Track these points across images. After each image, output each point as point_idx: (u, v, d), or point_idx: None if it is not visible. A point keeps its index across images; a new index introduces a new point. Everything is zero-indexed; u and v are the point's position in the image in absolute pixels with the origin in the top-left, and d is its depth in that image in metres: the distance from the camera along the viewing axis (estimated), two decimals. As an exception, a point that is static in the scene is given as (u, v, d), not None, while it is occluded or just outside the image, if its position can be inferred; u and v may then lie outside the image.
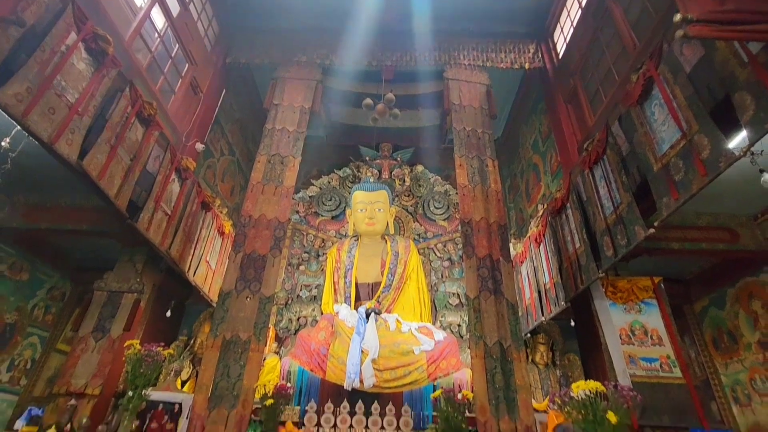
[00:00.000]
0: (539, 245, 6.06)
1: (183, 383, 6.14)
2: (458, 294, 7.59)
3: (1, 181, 3.60)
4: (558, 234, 5.64)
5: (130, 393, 3.64)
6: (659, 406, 4.24)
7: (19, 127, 3.47)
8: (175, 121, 5.98)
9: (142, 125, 4.70)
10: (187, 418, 4.50)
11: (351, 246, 7.63)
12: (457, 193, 6.58)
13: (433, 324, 6.91)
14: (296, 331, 7.22)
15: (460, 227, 7.73)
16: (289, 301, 7.71)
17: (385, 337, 5.90)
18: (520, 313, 5.71)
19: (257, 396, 4.64)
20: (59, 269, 7.04)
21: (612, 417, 3.25)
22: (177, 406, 4.80)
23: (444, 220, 8.56)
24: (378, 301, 6.88)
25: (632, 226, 4.09)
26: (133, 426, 3.77)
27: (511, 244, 7.09)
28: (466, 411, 4.65)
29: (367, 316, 6.24)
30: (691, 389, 4.31)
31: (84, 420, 3.51)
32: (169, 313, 6.17)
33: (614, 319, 4.78)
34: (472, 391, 4.65)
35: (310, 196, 8.91)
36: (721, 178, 3.43)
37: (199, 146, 6.25)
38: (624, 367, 4.48)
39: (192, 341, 6.93)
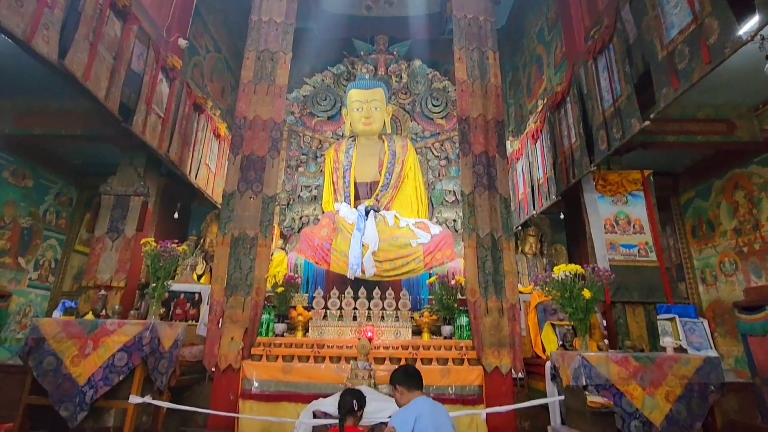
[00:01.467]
0: (536, 141, 6.09)
1: (199, 277, 6.70)
2: (454, 191, 7.81)
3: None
4: (555, 129, 5.63)
5: (154, 284, 4.02)
6: (631, 285, 4.71)
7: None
8: (152, 13, 5.52)
9: (118, 19, 4.38)
10: (207, 304, 5.02)
11: (348, 146, 7.63)
12: (455, 90, 6.38)
13: (430, 220, 7.26)
14: (299, 229, 7.60)
15: (457, 125, 7.65)
16: (291, 202, 7.97)
17: (384, 232, 6.26)
18: (512, 208, 5.98)
19: (269, 285, 5.10)
20: (62, 175, 7.14)
21: (587, 293, 3.65)
22: (197, 295, 5.32)
23: (441, 118, 8.40)
24: (377, 200, 7.13)
25: (629, 119, 4.09)
26: (160, 311, 4.24)
27: (508, 142, 7.10)
28: (458, 294, 5.17)
29: (367, 213, 6.53)
30: (662, 270, 4.75)
31: (117, 307, 3.94)
32: (176, 215, 6.45)
33: (601, 211, 5.04)
34: (464, 277, 5.12)
35: (304, 96, 8.61)
36: (729, 67, 3.35)
37: (182, 42, 5.88)
38: (604, 253, 4.87)
39: (202, 240, 7.36)
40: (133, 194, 5.27)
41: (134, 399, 3.63)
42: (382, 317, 4.96)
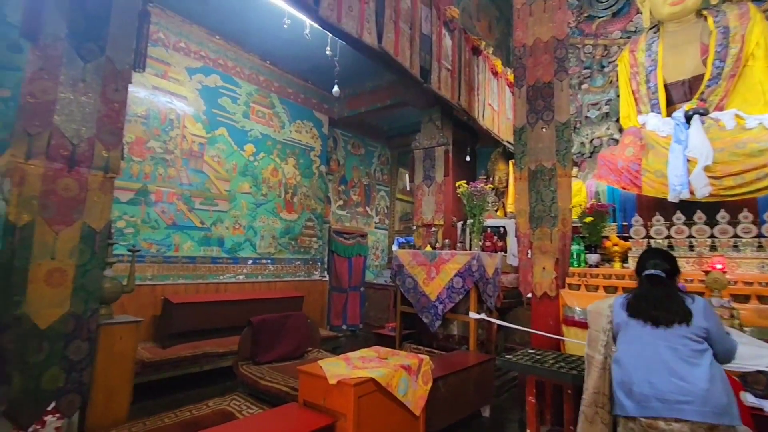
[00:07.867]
0: None
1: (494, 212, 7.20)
2: None
3: (337, 80, 4.68)
4: None
5: (471, 219, 4.57)
6: None
7: (330, 35, 4.32)
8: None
9: (405, -10, 4.90)
10: (515, 236, 5.34)
11: (650, 41, 6.13)
12: None
13: (798, 111, 5.07)
14: (591, 153, 6.87)
15: None
16: (577, 125, 7.25)
17: (721, 140, 4.82)
18: None
19: (574, 216, 4.92)
20: (379, 141, 9.04)
21: None
22: (502, 229, 5.73)
23: (813, -51, 5.48)
24: (701, 99, 5.53)
25: None
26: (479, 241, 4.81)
27: None
28: None
29: (688, 119, 5.18)
30: None
31: (447, 241, 4.75)
32: (468, 158, 7.05)
33: None
34: None
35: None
36: None
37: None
38: None
39: (491, 178, 7.82)
40: (436, 145, 6.06)
41: (473, 315, 4.35)
42: (736, 246, 3.94)
